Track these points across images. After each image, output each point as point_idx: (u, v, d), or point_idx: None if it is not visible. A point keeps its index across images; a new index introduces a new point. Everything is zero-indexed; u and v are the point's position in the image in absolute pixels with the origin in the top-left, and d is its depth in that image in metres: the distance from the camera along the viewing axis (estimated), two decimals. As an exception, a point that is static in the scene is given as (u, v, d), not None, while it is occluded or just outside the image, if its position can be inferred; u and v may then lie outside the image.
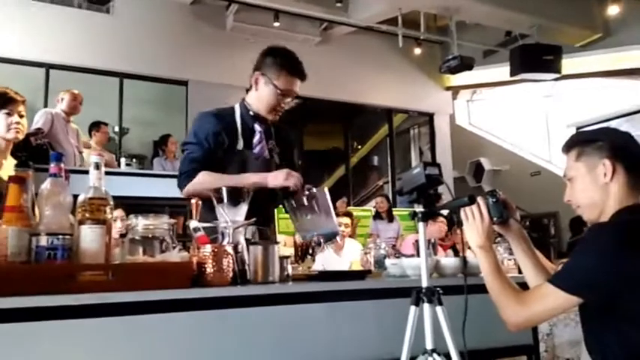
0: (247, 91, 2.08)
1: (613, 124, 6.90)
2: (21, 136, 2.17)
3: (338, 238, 1.88)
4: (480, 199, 1.41)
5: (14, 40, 6.13)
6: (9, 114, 2.13)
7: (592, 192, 1.32)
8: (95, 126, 5.71)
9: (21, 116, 2.17)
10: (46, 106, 6.19)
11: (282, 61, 1.98)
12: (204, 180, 1.87)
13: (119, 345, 1.22)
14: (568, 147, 1.40)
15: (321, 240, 1.82)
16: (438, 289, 1.32)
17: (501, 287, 1.34)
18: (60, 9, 6.83)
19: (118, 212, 3.26)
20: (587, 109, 8.34)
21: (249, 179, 1.84)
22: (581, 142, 1.37)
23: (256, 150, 2.02)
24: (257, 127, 2.04)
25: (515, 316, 1.29)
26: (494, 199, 1.40)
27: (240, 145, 1.99)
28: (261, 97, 2.01)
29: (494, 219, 1.41)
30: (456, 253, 4.28)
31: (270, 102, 1.99)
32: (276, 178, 1.85)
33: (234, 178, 1.84)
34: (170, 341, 1.27)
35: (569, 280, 1.23)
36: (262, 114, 2.02)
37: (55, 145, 4.49)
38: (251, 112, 2.03)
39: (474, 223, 1.40)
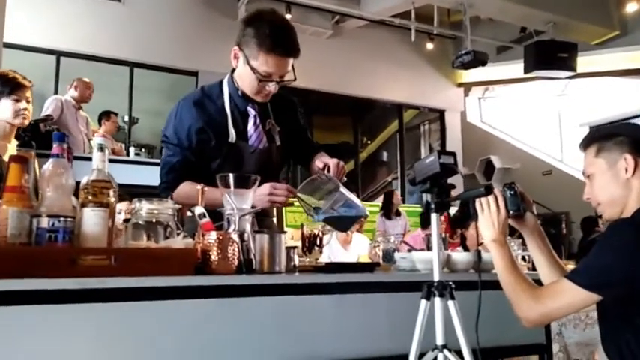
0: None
1: (628, 123, 6.77)
2: (27, 122, 2.15)
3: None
4: (496, 191, 1.37)
5: (25, 27, 6.13)
6: (17, 100, 2.13)
7: (613, 188, 1.28)
8: (105, 115, 5.72)
9: (28, 102, 2.17)
10: (56, 93, 6.19)
11: (262, 36, 1.62)
12: (186, 195, 1.67)
13: (120, 331, 1.19)
14: (586, 143, 1.35)
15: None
16: (450, 282, 1.28)
17: (516, 282, 1.30)
18: (72, -4, 6.82)
19: (124, 205, 3.23)
20: (601, 108, 8.21)
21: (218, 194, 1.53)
22: (601, 137, 1.33)
23: (252, 140, 1.80)
24: (250, 110, 1.80)
25: (529, 312, 1.26)
26: (511, 192, 1.36)
27: (233, 137, 1.75)
28: (241, 77, 1.74)
29: (511, 212, 1.37)
30: (466, 251, 4.22)
31: (251, 84, 1.71)
32: (260, 201, 1.59)
33: (214, 193, 1.49)
34: (172, 328, 1.23)
35: (587, 277, 1.19)
36: (249, 95, 1.76)
37: (65, 131, 4.47)
38: (239, 92, 1.78)
39: (489, 215, 1.36)
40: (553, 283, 1.28)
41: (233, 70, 1.81)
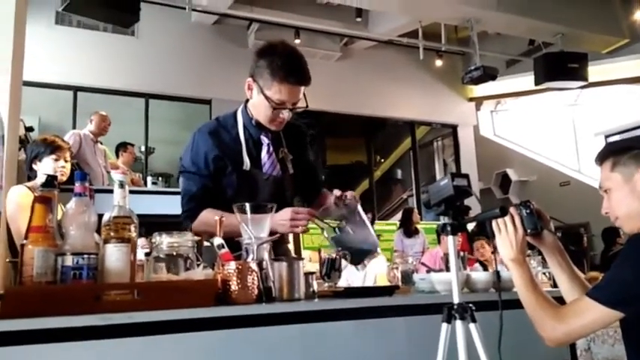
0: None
1: (643, 131, 6.70)
2: (64, 178, 2.43)
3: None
4: (512, 210, 1.37)
5: (42, 64, 6.30)
6: (57, 159, 2.49)
7: (630, 203, 1.27)
8: (122, 147, 5.84)
9: (66, 161, 2.52)
10: (74, 127, 6.34)
11: (275, 66, 1.68)
12: (207, 223, 1.68)
13: (145, 365, 1.20)
14: (602, 157, 1.35)
15: (347, 256, 1.72)
16: (471, 305, 1.27)
17: (537, 302, 1.28)
18: (86, 32, 7.02)
19: (142, 241, 3.27)
20: (615, 117, 8.13)
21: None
22: (616, 151, 1.32)
23: (265, 167, 1.83)
24: (264, 138, 1.83)
25: (553, 332, 1.24)
26: (527, 210, 1.36)
27: (247, 164, 1.78)
28: (255, 106, 1.78)
29: (528, 231, 1.36)
30: (484, 268, 4.18)
31: (265, 113, 1.75)
32: (282, 226, 1.61)
33: (234, 222, 1.50)
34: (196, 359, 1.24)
35: (609, 294, 1.18)
36: (264, 124, 1.80)
37: (84, 165, 4.58)
38: (253, 121, 1.82)
39: (506, 235, 1.36)
40: (575, 301, 1.27)
41: (247, 101, 1.86)
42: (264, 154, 1.84)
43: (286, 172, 1.87)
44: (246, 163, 1.79)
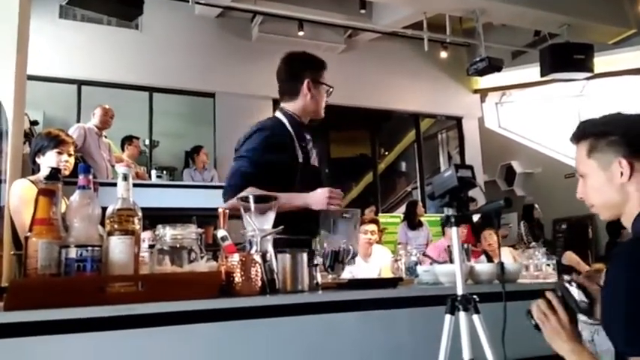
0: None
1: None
2: (67, 172, 2.42)
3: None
4: (549, 295, 1.20)
5: (46, 59, 6.31)
6: (60, 153, 2.46)
7: (607, 192, 1.18)
8: (127, 140, 5.86)
9: (69, 155, 2.50)
10: (78, 121, 6.36)
11: (319, 63, 2.10)
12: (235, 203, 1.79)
13: (149, 356, 1.21)
14: (577, 138, 1.26)
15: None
16: (474, 296, 1.27)
17: None
18: (90, 26, 7.01)
19: (147, 234, 3.29)
20: (621, 107, 8.05)
21: (293, 202, 1.83)
22: (592, 135, 1.22)
23: (312, 160, 2.07)
24: (307, 135, 2.09)
25: None
26: (574, 286, 1.19)
27: (301, 158, 2.00)
28: (316, 99, 2.08)
29: (579, 309, 1.20)
30: (489, 259, 4.18)
31: (323, 101, 2.10)
32: (320, 203, 1.82)
33: (283, 196, 1.71)
34: (200, 352, 1.25)
35: None
36: (317, 115, 2.11)
37: (88, 158, 4.60)
38: (297, 121, 2.06)
39: (550, 326, 1.20)
40: None
41: (276, 106, 2.03)
42: (310, 149, 2.08)
43: (321, 164, 2.13)
44: (300, 156, 2.01)
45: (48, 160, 2.44)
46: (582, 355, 1.19)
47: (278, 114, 2.10)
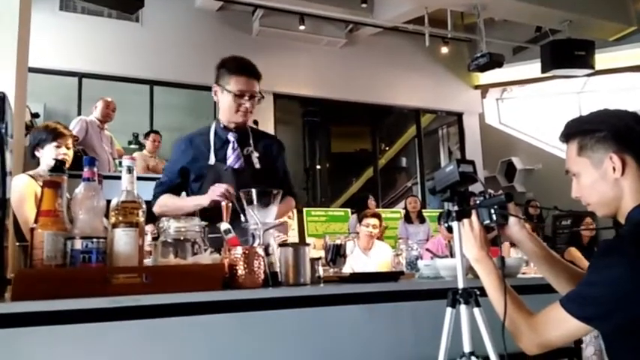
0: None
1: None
2: (67, 166, 2.34)
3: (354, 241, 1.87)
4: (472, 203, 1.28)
5: (47, 51, 6.30)
6: (58, 146, 2.45)
7: (602, 189, 1.18)
8: (146, 134, 5.93)
9: (68, 148, 2.49)
10: (79, 114, 6.36)
11: (229, 67, 2.10)
12: (162, 204, 2.08)
13: (153, 347, 1.22)
14: (566, 138, 1.26)
15: None
16: (475, 290, 1.28)
17: (510, 307, 1.19)
18: (91, 19, 7.00)
19: (149, 227, 3.30)
20: (622, 105, 8.04)
21: (190, 202, 2.01)
22: (581, 132, 1.22)
23: (230, 160, 2.10)
24: (230, 137, 2.12)
25: (529, 343, 1.16)
26: (480, 201, 1.28)
27: (212, 160, 2.08)
28: (222, 105, 2.12)
29: (484, 223, 1.29)
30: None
31: (231, 105, 2.08)
32: (208, 197, 1.87)
33: (180, 202, 2.07)
34: (203, 343, 1.26)
35: (581, 308, 1.08)
36: (231, 121, 2.11)
37: (90, 151, 4.60)
38: (221, 125, 2.14)
39: (463, 232, 1.29)
40: (550, 309, 1.15)
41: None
42: (229, 150, 2.12)
43: (251, 166, 2.11)
44: (212, 158, 2.09)
45: (47, 154, 2.43)
46: (485, 263, 1.28)
47: (214, 121, 2.21)
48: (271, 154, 2.20)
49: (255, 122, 5.76)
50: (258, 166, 2.11)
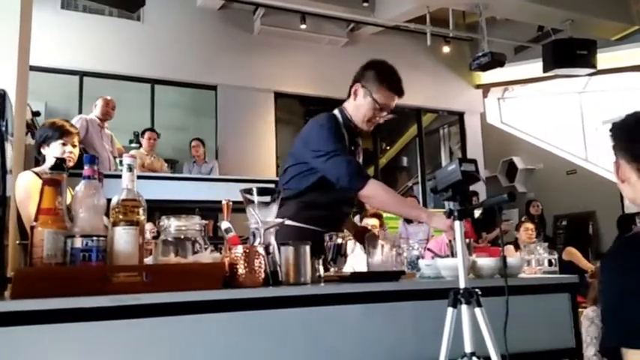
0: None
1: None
2: (72, 164, 2.39)
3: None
4: None
5: (48, 49, 6.30)
6: (64, 144, 2.43)
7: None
8: (143, 133, 5.89)
9: (74, 146, 2.47)
10: (80, 112, 6.35)
11: (383, 77, 2.00)
12: (380, 194, 1.90)
13: (153, 346, 1.22)
14: (612, 144, 1.22)
15: None
16: (477, 290, 1.28)
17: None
18: (92, 17, 7.00)
19: (148, 226, 3.29)
20: (625, 105, 8.05)
21: (413, 212, 1.97)
22: (616, 141, 1.20)
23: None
24: (359, 141, 2.09)
25: None
26: None
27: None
28: (358, 107, 2.03)
29: None
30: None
31: (366, 114, 2.01)
32: (442, 223, 1.71)
33: (404, 205, 1.98)
34: (203, 342, 1.26)
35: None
36: (359, 126, 2.04)
37: (90, 150, 4.60)
38: (352, 123, 2.05)
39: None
40: None
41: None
42: (357, 155, 2.08)
43: None
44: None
45: (52, 151, 2.41)
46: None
47: (336, 112, 2.09)
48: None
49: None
50: None
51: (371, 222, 4.16)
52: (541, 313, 1.61)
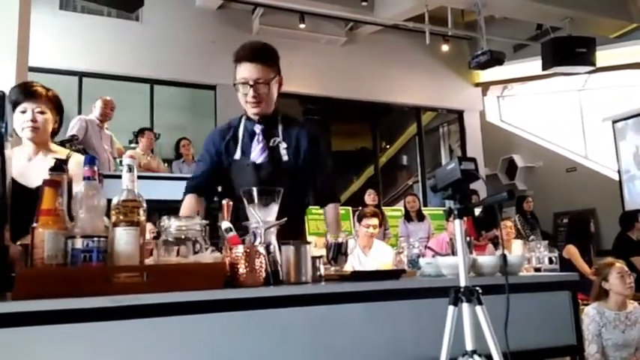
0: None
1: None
2: (34, 134, 1.99)
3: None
4: None
5: (47, 50, 6.30)
6: (23, 112, 1.98)
7: None
8: (140, 132, 5.86)
9: (41, 113, 2.00)
10: (79, 113, 6.35)
11: (234, 57, 2.00)
12: (183, 205, 2.03)
13: (154, 346, 1.22)
14: None
15: None
16: (477, 288, 1.28)
17: None
18: (90, 18, 7.00)
19: (149, 226, 3.27)
20: (624, 102, 8.05)
21: None
22: None
23: (254, 154, 2.01)
24: (256, 129, 2.04)
25: None
26: None
27: (238, 154, 2.02)
28: (239, 98, 2.05)
29: None
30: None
31: (241, 98, 2.02)
32: None
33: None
34: (204, 342, 1.26)
35: None
36: (248, 111, 2.05)
37: (90, 150, 4.60)
38: (248, 116, 2.07)
39: None
40: None
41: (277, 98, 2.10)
42: (254, 143, 2.03)
43: (278, 160, 1.99)
44: (238, 153, 2.02)
45: (15, 122, 1.96)
46: None
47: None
48: (299, 145, 2.03)
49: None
50: (286, 158, 1.99)
51: (371, 222, 4.15)
52: (542, 311, 1.61)
